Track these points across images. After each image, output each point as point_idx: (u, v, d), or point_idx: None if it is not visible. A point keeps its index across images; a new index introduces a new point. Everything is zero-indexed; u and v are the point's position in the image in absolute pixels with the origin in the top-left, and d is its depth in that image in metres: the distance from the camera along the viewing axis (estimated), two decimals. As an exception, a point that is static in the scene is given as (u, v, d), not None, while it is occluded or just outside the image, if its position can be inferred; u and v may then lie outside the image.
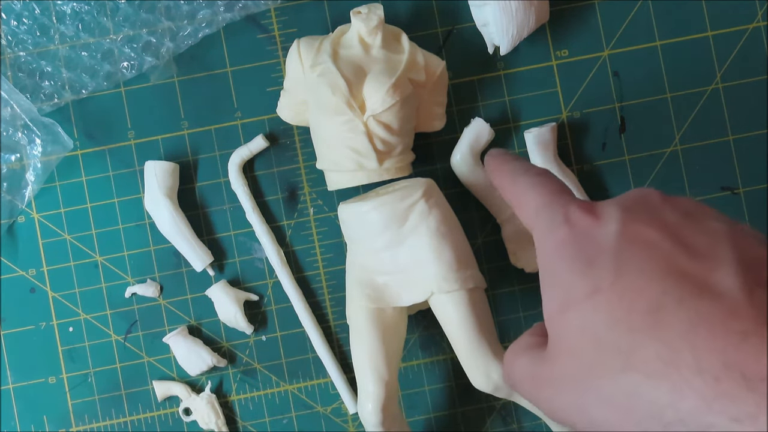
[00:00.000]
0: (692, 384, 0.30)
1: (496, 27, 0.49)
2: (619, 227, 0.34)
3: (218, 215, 0.52)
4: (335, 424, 0.52)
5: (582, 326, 0.33)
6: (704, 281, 0.31)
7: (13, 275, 0.52)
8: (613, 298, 0.32)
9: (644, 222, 0.34)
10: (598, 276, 0.33)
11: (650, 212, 0.34)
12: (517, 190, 0.40)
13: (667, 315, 0.31)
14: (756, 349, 0.29)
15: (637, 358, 0.31)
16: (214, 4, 0.51)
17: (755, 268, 0.32)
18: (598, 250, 0.34)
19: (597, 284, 0.33)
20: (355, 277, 0.48)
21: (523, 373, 0.37)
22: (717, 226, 0.34)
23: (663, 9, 0.52)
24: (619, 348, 0.32)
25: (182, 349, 0.51)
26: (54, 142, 0.50)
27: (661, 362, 0.30)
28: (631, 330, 0.31)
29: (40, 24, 0.51)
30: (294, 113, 0.50)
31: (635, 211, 0.35)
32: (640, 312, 0.31)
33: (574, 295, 0.33)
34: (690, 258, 0.32)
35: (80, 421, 0.52)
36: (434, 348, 0.52)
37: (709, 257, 0.32)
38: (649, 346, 0.31)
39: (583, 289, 0.33)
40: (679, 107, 0.52)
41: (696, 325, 0.30)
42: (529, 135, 0.51)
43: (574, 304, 0.33)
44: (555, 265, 0.35)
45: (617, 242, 0.33)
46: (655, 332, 0.31)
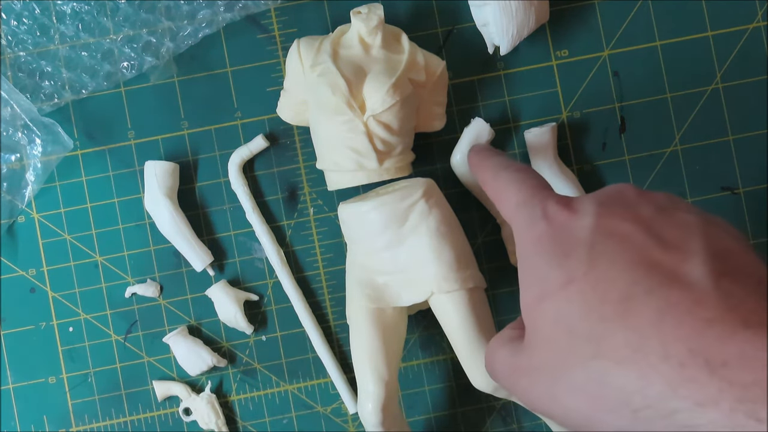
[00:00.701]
0: (659, 370, 0.30)
1: (496, 27, 0.49)
2: (594, 221, 0.35)
3: (218, 215, 0.52)
4: (335, 424, 0.52)
5: (556, 316, 0.34)
6: (674, 271, 0.32)
7: (13, 275, 0.52)
8: (586, 288, 0.33)
9: (618, 216, 0.35)
10: (572, 267, 0.34)
11: (625, 206, 0.35)
12: (498, 185, 0.41)
13: (636, 304, 0.32)
14: (719, 335, 0.30)
15: (607, 346, 0.32)
16: (214, 4, 0.51)
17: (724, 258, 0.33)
18: (573, 242, 0.35)
19: (571, 275, 0.34)
20: (355, 277, 0.48)
21: (503, 365, 0.38)
22: (690, 218, 0.34)
23: (663, 9, 0.52)
24: (591, 336, 0.32)
25: (182, 349, 0.51)
26: (54, 142, 0.50)
27: (629, 349, 0.31)
28: (602, 319, 0.32)
29: (40, 24, 0.51)
30: (294, 113, 0.50)
31: (610, 206, 0.35)
32: (611, 301, 0.32)
33: (548, 287, 0.34)
34: (662, 250, 0.33)
35: (80, 421, 0.52)
36: (434, 348, 0.52)
37: (680, 249, 0.33)
38: (618, 334, 0.32)
39: (558, 280, 0.34)
40: (679, 107, 0.52)
41: (664, 313, 0.31)
42: (529, 135, 0.51)
43: (548, 295, 0.34)
44: (532, 258, 0.36)
45: (591, 235, 0.34)
46: (625, 321, 0.32)
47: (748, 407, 0.28)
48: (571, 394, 0.33)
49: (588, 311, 0.33)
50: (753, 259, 0.34)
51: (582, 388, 0.33)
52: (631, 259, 0.33)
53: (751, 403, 0.28)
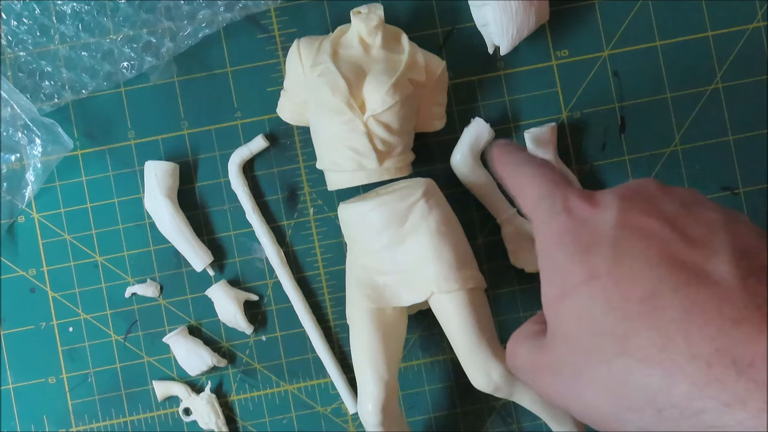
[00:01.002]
0: (684, 370, 0.30)
1: (496, 27, 0.49)
2: (617, 215, 0.34)
3: (218, 215, 0.52)
4: (335, 424, 0.52)
5: (579, 312, 0.33)
6: (700, 269, 0.32)
7: (13, 275, 0.52)
8: (610, 285, 0.33)
9: (642, 211, 0.34)
10: (595, 263, 0.33)
11: (648, 201, 0.35)
12: (519, 180, 0.40)
13: (662, 302, 0.31)
14: (747, 335, 0.30)
15: (632, 344, 0.31)
16: (214, 4, 0.51)
17: (750, 257, 0.32)
18: (596, 237, 0.34)
19: (594, 271, 0.33)
20: (355, 277, 0.48)
21: (524, 360, 0.38)
22: (714, 216, 0.34)
23: (663, 9, 0.52)
24: (614, 334, 0.32)
25: (182, 349, 0.51)
26: (54, 142, 0.50)
27: (654, 348, 0.31)
28: (626, 316, 0.32)
29: (40, 24, 0.51)
30: (294, 113, 0.50)
31: (633, 200, 0.35)
32: (635, 299, 0.32)
33: (571, 282, 0.34)
34: (686, 246, 0.33)
35: (80, 421, 0.52)
36: (434, 348, 0.52)
37: (706, 246, 0.33)
38: (643, 332, 0.31)
39: (581, 276, 0.34)
40: (679, 107, 0.52)
41: (690, 312, 0.31)
42: (529, 135, 0.51)
43: (571, 290, 0.34)
44: (554, 252, 0.35)
45: (614, 230, 0.34)
46: (650, 319, 0.31)
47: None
48: (594, 392, 0.33)
49: (611, 308, 0.32)
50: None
51: (605, 385, 0.32)
52: (655, 255, 0.33)
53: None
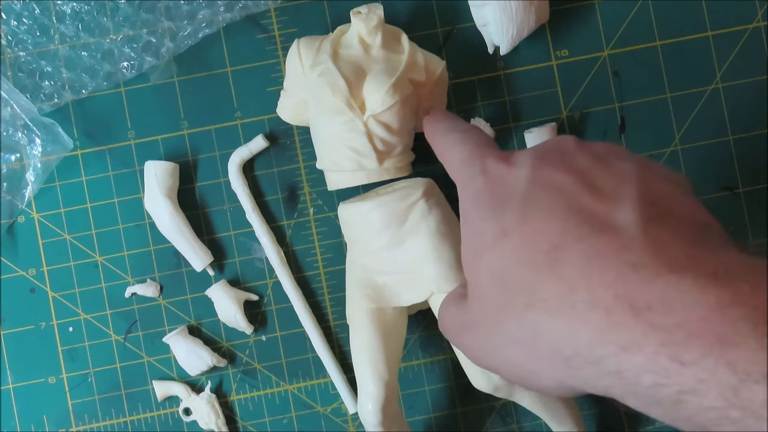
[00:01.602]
0: (586, 317, 0.30)
1: (496, 27, 0.49)
2: (529, 172, 0.35)
3: (218, 215, 0.52)
4: (335, 424, 0.52)
5: (491, 269, 0.34)
6: (604, 219, 0.32)
7: (13, 275, 0.52)
8: (518, 240, 0.33)
9: (553, 167, 0.35)
10: (505, 220, 0.34)
11: (562, 157, 0.35)
12: (445, 146, 0.41)
13: (566, 253, 0.32)
14: (644, 279, 0.30)
15: (538, 296, 0.32)
16: (214, 4, 0.51)
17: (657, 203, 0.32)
18: (508, 195, 0.35)
19: (504, 228, 0.34)
20: (355, 277, 0.48)
21: (450, 321, 0.38)
22: (626, 166, 0.34)
23: (663, 9, 0.52)
24: (523, 287, 0.32)
25: (182, 349, 0.51)
26: (54, 142, 0.50)
27: (558, 298, 0.31)
28: (533, 269, 0.32)
29: (40, 24, 0.51)
30: (294, 113, 0.50)
31: (547, 157, 0.35)
32: (542, 251, 0.32)
33: (484, 241, 0.34)
34: (594, 198, 0.33)
35: (80, 421, 0.52)
36: (434, 348, 0.52)
37: (613, 196, 0.33)
38: (548, 283, 0.32)
39: (493, 233, 0.34)
40: (679, 107, 0.52)
41: (591, 260, 0.31)
42: (529, 135, 0.51)
43: (484, 249, 0.34)
44: (470, 213, 0.36)
45: (526, 186, 0.34)
46: (555, 270, 0.32)
47: (671, 350, 0.28)
48: (508, 346, 0.33)
49: (520, 262, 0.33)
50: (689, 203, 0.33)
51: (518, 339, 0.33)
52: (562, 208, 0.33)
53: (674, 346, 0.28)
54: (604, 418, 0.52)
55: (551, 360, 0.32)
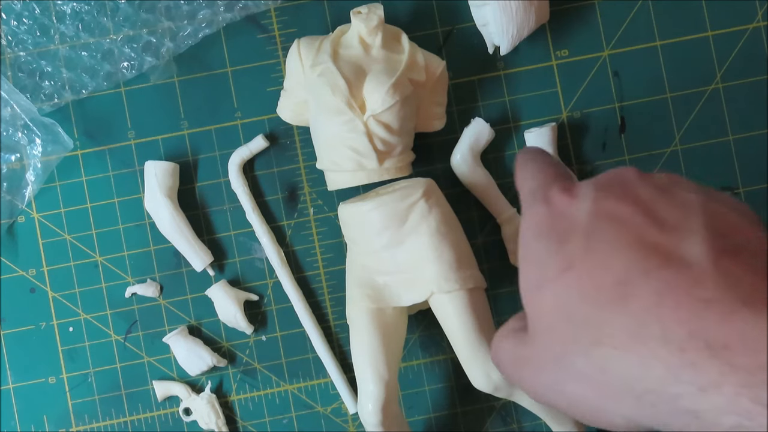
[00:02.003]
0: (659, 355, 0.30)
1: (496, 27, 0.49)
2: (591, 205, 0.34)
3: (218, 215, 0.52)
4: (335, 424, 0.52)
5: (555, 303, 0.33)
6: (671, 252, 0.31)
7: (13, 275, 0.52)
8: (583, 274, 0.32)
9: (616, 198, 0.34)
10: (569, 253, 0.33)
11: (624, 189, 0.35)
12: (522, 175, 0.40)
13: (633, 288, 0.31)
14: (719, 317, 0.29)
15: (606, 332, 0.31)
16: (214, 4, 0.51)
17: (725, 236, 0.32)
18: (571, 227, 0.34)
19: (568, 261, 0.33)
20: (355, 277, 0.48)
21: (506, 356, 0.37)
22: (691, 197, 0.33)
23: (663, 9, 0.52)
24: (589, 323, 0.32)
25: (182, 349, 0.51)
26: (54, 142, 0.50)
27: (628, 335, 0.31)
28: (599, 304, 0.32)
29: (40, 24, 0.51)
30: (294, 113, 0.50)
31: (609, 189, 0.35)
32: (607, 286, 0.32)
33: (547, 273, 0.34)
34: (660, 231, 0.32)
35: (80, 421, 0.52)
36: (434, 348, 0.52)
37: (679, 228, 0.32)
38: (616, 319, 0.31)
39: (556, 266, 0.33)
40: (679, 107, 0.52)
41: (662, 296, 0.30)
42: (529, 135, 0.51)
43: (547, 281, 0.34)
44: (531, 244, 0.35)
45: (589, 219, 0.34)
46: (623, 305, 0.31)
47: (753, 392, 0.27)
48: (574, 383, 0.33)
49: (585, 297, 0.32)
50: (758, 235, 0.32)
51: (585, 376, 0.32)
52: (627, 241, 0.32)
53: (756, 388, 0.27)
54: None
55: (621, 397, 0.31)
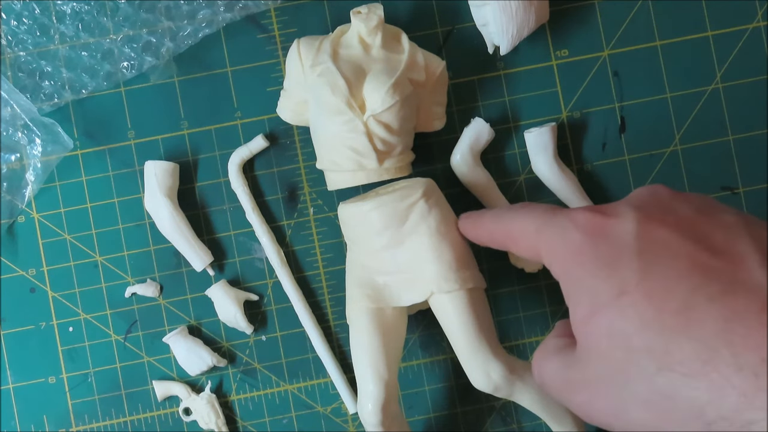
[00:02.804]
0: (732, 381, 0.30)
1: (496, 27, 0.49)
2: (636, 227, 0.34)
3: (218, 215, 0.52)
4: (335, 424, 0.52)
5: (610, 330, 0.33)
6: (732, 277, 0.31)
7: (13, 275, 0.52)
8: (641, 300, 0.32)
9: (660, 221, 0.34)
10: (622, 278, 0.33)
11: (663, 209, 0.34)
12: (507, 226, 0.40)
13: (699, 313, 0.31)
14: None
15: (673, 359, 0.31)
16: (214, 4, 0.51)
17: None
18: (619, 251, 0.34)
19: (623, 286, 0.33)
20: (355, 277, 0.48)
21: (554, 377, 0.37)
22: (731, 219, 0.33)
23: (663, 9, 0.52)
24: (652, 349, 0.31)
25: (182, 349, 0.51)
26: (54, 142, 0.50)
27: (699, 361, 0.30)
28: (663, 331, 0.31)
29: (40, 24, 0.51)
30: (294, 113, 0.50)
31: (649, 210, 0.34)
32: (670, 312, 0.31)
33: (600, 300, 0.33)
34: (711, 254, 0.32)
35: (80, 421, 0.52)
36: (434, 348, 0.52)
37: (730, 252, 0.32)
38: (684, 345, 0.31)
39: (609, 292, 0.33)
40: (679, 107, 0.52)
41: (731, 322, 0.30)
42: (529, 135, 0.51)
43: (600, 308, 0.33)
44: (575, 271, 0.35)
45: (637, 242, 0.33)
46: (689, 331, 0.31)
47: None
48: (637, 409, 0.32)
49: (646, 324, 0.32)
50: None
51: (648, 401, 0.32)
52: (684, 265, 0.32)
53: None
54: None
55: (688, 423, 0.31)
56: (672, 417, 0.31)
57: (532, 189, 0.52)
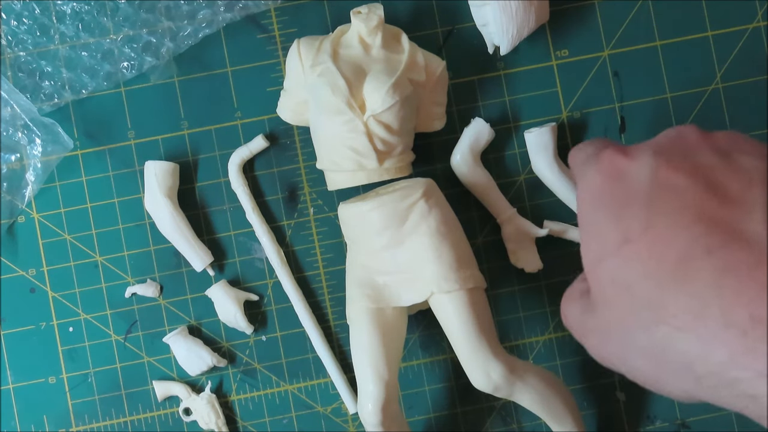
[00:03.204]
0: (720, 338, 0.29)
1: (496, 27, 0.49)
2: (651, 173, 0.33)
3: (218, 215, 0.52)
4: (335, 424, 0.52)
5: (615, 277, 0.33)
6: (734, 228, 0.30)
7: (13, 275, 0.52)
8: (643, 250, 0.32)
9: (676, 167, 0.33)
10: (628, 225, 0.33)
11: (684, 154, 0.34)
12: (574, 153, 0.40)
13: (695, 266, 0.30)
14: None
15: (668, 312, 0.31)
16: (214, 4, 0.51)
17: None
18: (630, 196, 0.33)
19: (628, 234, 0.33)
20: (355, 277, 0.48)
21: (574, 321, 0.38)
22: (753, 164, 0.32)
23: (663, 9, 0.52)
24: (651, 301, 0.31)
25: (182, 349, 0.51)
26: (54, 142, 0.50)
27: (690, 316, 0.30)
28: (661, 282, 0.31)
29: (40, 24, 0.51)
30: (294, 113, 0.50)
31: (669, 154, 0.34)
32: (669, 263, 0.31)
33: (606, 246, 0.33)
34: (720, 203, 0.31)
35: (80, 421, 0.52)
36: (434, 348, 0.52)
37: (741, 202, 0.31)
38: (678, 298, 0.30)
39: (615, 239, 0.33)
40: (679, 107, 0.52)
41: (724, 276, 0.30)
42: (529, 135, 0.51)
43: (606, 255, 0.33)
44: (590, 212, 0.35)
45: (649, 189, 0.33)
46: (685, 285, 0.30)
47: None
48: (637, 356, 0.33)
49: (646, 274, 0.32)
50: None
51: (646, 351, 0.32)
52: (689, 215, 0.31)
53: None
54: (604, 418, 0.52)
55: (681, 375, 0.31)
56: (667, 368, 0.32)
57: (532, 189, 0.52)
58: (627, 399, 0.52)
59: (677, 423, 0.52)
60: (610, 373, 0.52)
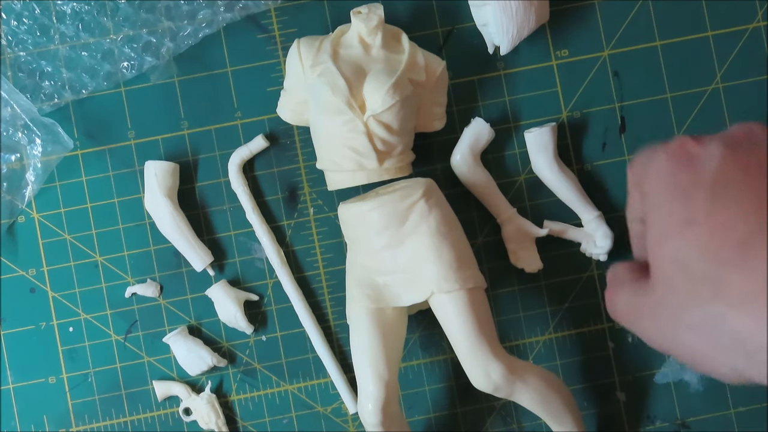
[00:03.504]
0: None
1: (496, 27, 0.49)
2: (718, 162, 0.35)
3: (218, 215, 0.52)
4: (335, 424, 0.52)
5: (675, 256, 0.34)
6: None
7: (13, 275, 0.52)
8: (705, 232, 0.33)
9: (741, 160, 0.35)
10: (693, 207, 0.34)
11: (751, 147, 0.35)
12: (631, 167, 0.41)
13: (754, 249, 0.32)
14: None
15: (725, 290, 0.32)
16: (214, 4, 0.51)
17: None
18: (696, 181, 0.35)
19: (691, 216, 0.34)
20: (355, 277, 0.48)
21: (624, 304, 0.38)
22: None
23: (663, 9, 0.52)
24: (708, 278, 0.33)
25: (182, 349, 0.51)
26: (54, 142, 0.50)
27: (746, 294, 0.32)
28: (720, 262, 0.33)
29: (40, 24, 0.51)
30: (294, 113, 0.50)
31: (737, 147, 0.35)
32: (730, 245, 0.33)
33: (670, 226, 0.35)
34: None
35: (80, 421, 0.52)
36: (434, 348, 0.52)
37: None
38: (736, 278, 0.32)
39: (679, 220, 0.34)
40: (679, 107, 0.52)
41: None
42: (529, 135, 0.51)
43: (670, 234, 0.35)
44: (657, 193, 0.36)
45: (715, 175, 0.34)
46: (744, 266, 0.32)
47: None
48: (689, 333, 0.34)
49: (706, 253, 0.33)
50: None
51: (700, 328, 0.33)
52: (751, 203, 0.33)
53: None
54: (604, 418, 0.52)
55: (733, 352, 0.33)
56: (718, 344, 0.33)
57: (532, 189, 0.52)
58: (627, 399, 0.52)
59: (677, 423, 0.52)
60: (610, 373, 0.52)
